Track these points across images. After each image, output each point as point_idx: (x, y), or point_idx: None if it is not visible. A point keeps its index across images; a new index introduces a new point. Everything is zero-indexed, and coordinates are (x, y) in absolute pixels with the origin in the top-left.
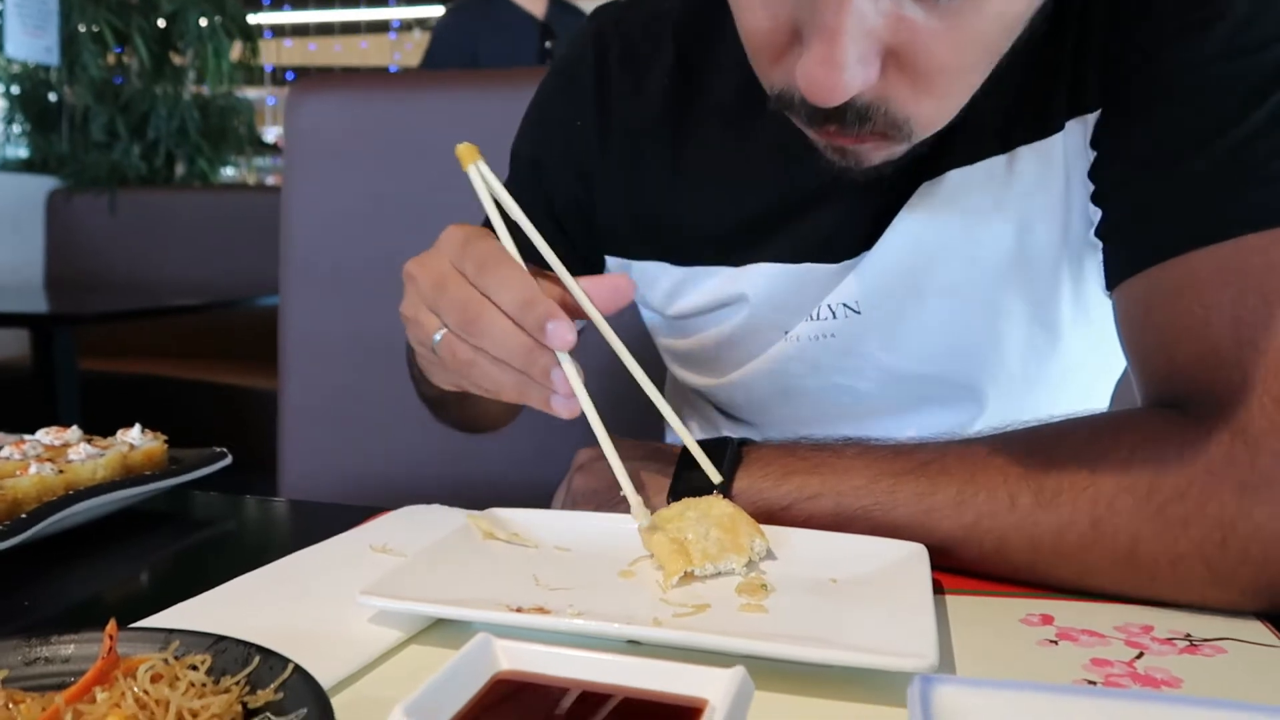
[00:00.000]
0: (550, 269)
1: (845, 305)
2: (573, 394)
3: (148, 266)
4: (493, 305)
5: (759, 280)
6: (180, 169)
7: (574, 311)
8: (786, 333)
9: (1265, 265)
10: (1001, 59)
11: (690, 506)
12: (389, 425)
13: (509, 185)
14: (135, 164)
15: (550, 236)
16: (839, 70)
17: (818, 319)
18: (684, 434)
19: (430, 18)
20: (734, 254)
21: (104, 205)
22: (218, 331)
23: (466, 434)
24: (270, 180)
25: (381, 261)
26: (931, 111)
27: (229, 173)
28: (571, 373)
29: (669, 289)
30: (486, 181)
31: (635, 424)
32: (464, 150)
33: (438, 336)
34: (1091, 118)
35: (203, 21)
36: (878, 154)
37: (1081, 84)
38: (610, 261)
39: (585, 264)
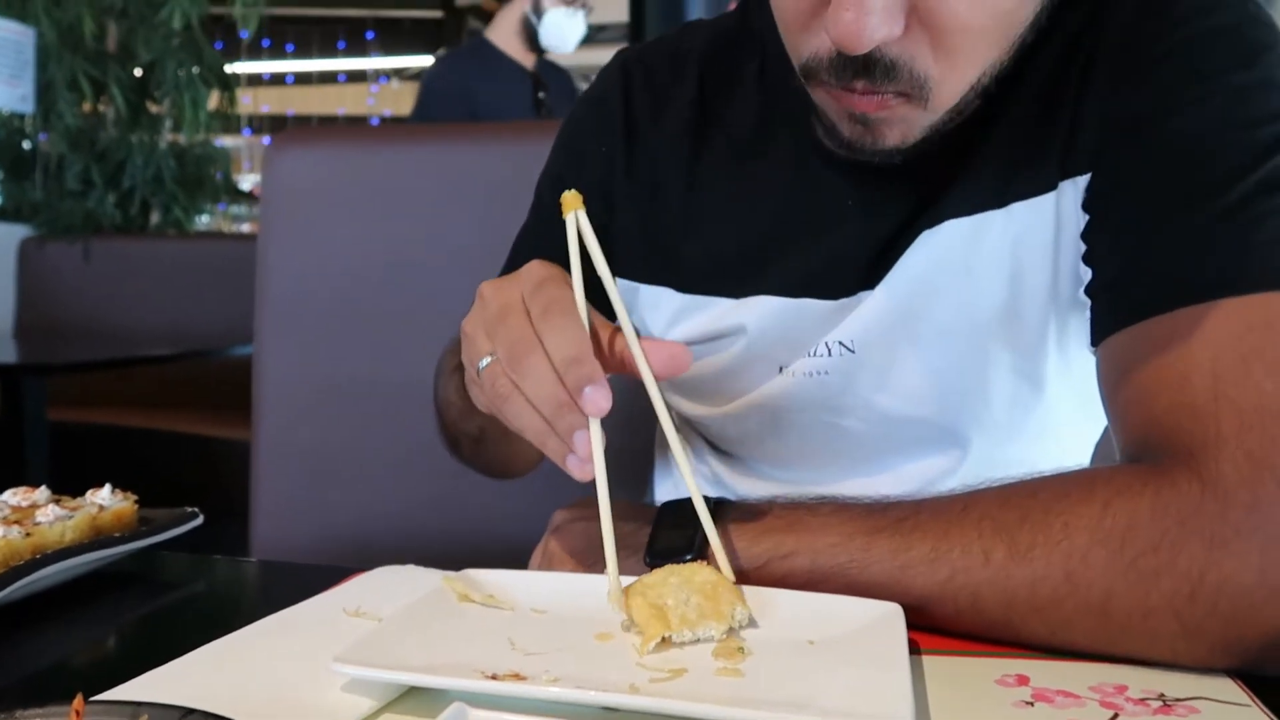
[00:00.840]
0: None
1: (842, 344)
2: (590, 459)
3: (121, 315)
4: (543, 351)
5: (758, 312)
6: (155, 217)
7: (630, 365)
8: (783, 368)
9: (1245, 326)
10: (1015, 42)
11: (673, 573)
12: (364, 477)
13: (534, 211)
14: (110, 212)
15: (563, 249)
16: (866, 14)
17: (814, 356)
18: (696, 494)
19: (408, 68)
20: (735, 285)
21: (78, 253)
22: (191, 381)
23: (475, 480)
24: (244, 228)
25: (357, 313)
26: (950, 76)
27: (203, 220)
28: (597, 438)
29: (671, 315)
30: (580, 231)
31: (618, 475)
32: (569, 198)
33: (484, 361)
34: (1083, 180)
35: (180, 72)
36: (895, 129)
37: (1075, 147)
38: (619, 284)
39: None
